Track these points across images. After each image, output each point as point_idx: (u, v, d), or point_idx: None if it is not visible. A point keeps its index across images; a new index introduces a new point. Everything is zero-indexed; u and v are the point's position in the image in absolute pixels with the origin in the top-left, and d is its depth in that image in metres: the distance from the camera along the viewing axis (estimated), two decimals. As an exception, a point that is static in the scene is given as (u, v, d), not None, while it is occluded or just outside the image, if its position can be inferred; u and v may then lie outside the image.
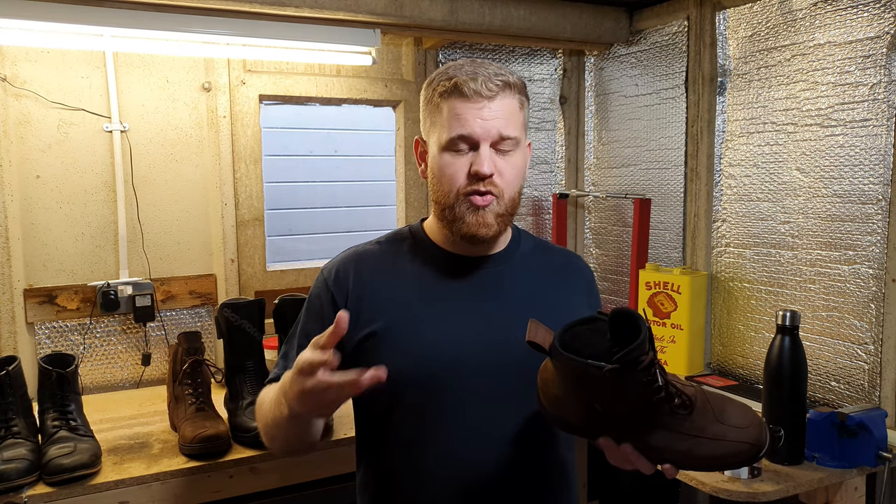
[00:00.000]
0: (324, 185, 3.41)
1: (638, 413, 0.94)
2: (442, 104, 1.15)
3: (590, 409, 0.96)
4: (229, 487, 1.65)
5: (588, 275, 1.37)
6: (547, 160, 2.88)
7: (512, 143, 1.15)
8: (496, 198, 1.15)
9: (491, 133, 1.13)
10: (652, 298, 2.38)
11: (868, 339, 1.91)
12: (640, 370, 0.90)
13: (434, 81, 1.18)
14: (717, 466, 1.00)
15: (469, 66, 1.15)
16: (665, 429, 0.95)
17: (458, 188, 1.15)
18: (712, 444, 0.96)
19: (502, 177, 1.15)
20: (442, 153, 1.16)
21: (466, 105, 1.13)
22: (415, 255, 1.25)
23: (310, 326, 1.24)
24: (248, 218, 2.40)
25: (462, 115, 1.13)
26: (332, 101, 2.52)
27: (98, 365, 2.21)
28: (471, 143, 1.14)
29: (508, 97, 1.14)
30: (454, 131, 1.13)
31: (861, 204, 1.91)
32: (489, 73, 1.13)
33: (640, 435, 0.96)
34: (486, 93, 1.12)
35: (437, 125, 1.17)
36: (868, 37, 1.87)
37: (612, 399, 0.93)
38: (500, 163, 1.15)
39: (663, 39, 2.48)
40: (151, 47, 2.07)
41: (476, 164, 1.13)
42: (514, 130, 1.15)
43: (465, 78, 1.13)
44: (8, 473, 1.47)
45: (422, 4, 2.15)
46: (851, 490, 1.63)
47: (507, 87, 1.14)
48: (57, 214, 2.13)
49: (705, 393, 0.99)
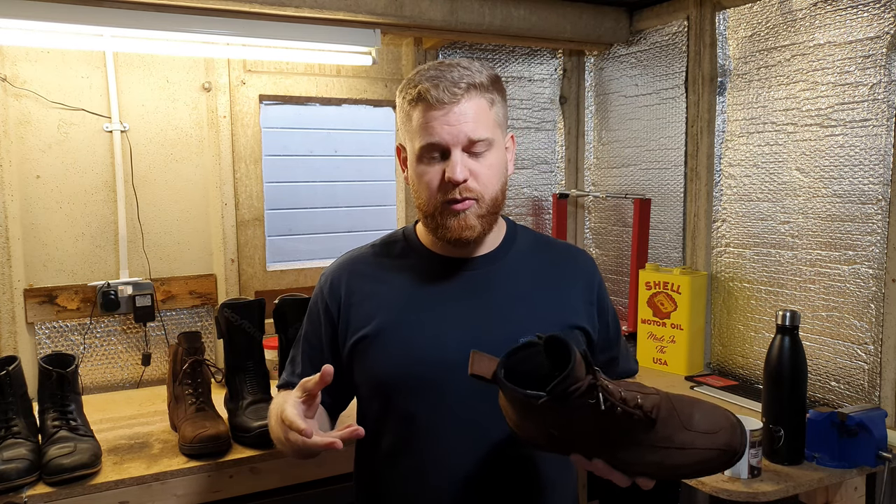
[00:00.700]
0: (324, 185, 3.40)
1: (597, 433, 0.92)
2: (411, 112, 1.15)
3: (548, 433, 0.94)
4: (229, 487, 1.65)
5: (590, 269, 1.33)
6: (547, 160, 2.88)
7: (484, 145, 1.14)
8: (475, 201, 1.15)
9: (459, 138, 1.12)
10: (652, 298, 2.38)
11: (868, 339, 1.91)
12: (576, 397, 0.87)
13: (403, 89, 1.18)
14: (691, 475, 0.97)
15: (434, 69, 1.14)
16: (632, 443, 0.92)
17: (436, 197, 1.15)
18: (682, 454, 0.93)
19: (478, 179, 1.14)
20: (417, 162, 1.16)
21: (432, 113, 1.12)
22: (406, 258, 1.26)
23: (311, 332, 1.29)
24: (248, 218, 2.40)
25: (429, 124, 1.12)
26: (332, 102, 2.52)
27: (98, 365, 2.21)
28: (441, 150, 1.13)
29: (475, 98, 1.13)
30: (423, 140, 1.13)
31: (861, 204, 1.91)
32: (453, 77, 1.12)
33: (608, 450, 0.94)
34: (448, 98, 1.11)
35: (409, 133, 1.17)
36: (868, 37, 1.87)
37: (563, 423, 0.91)
38: (474, 165, 1.14)
39: (663, 39, 2.48)
40: (151, 47, 2.07)
41: (449, 172, 1.12)
42: (485, 131, 1.14)
43: (428, 85, 1.12)
44: (8, 473, 1.47)
45: (422, 4, 2.15)
46: (851, 490, 1.63)
47: (473, 88, 1.13)
48: (57, 214, 2.13)
49: (671, 400, 0.95)
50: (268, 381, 1.85)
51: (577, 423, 0.91)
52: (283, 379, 1.32)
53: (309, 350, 1.27)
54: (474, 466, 1.16)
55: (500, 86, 1.19)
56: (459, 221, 1.15)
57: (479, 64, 1.17)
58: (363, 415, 1.26)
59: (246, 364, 1.87)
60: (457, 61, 1.16)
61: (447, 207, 1.15)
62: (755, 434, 1.52)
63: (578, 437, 0.93)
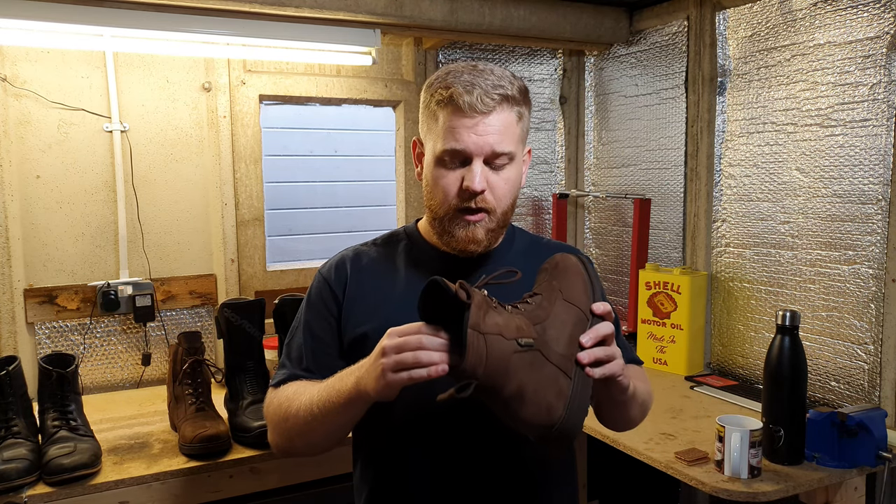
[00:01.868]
0: (324, 185, 3.40)
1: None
2: (438, 112, 1.14)
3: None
4: (229, 487, 1.65)
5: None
6: (547, 160, 2.88)
7: (506, 158, 1.14)
8: (488, 213, 1.15)
9: (484, 150, 1.12)
10: (652, 298, 2.39)
11: (868, 339, 1.91)
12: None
13: (432, 86, 1.16)
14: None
15: (468, 73, 1.12)
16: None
17: (450, 203, 1.15)
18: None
19: (494, 192, 1.14)
20: (435, 164, 1.16)
21: (461, 119, 1.11)
22: (409, 256, 1.25)
23: (315, 324, 1.24)
24: (248, 218, 2.40)
25: (456, 129, 1.11)
26: (332, 101, 2.53)
27: (98, 365, 2.21)
28: (463, 158, 1.13)
29: (506, 111, 1.13)
30: (447, 144, 1.12)
31: (861, 204, 1.91)
32: (487, 86, 1.11)
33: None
34: (481, 108, 1.10)
35: (432, 132, 1.16)
36: (868, 37, 1.87)
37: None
38: (492, 178, 1.14)
39: (663, 39, 2.48)
40: (151, 47, 2.08)
41: (467, 180, 1.12)
42: (510, 145, 1.13)
43: (461, 90, 1.10)
44: (8, 473, 1.47)
45: (422, 4, 2.15)
46: (851, 490, 1.63)
47: (505, 101, 1.12)
48: (57, 214, 2.13)
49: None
50: (268, 381, 1.85)
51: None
52: (284, 374, 1.24)
53: (312, 341, 1.24)
54: (477, 465, 1.16)
55: (528, 98, 1.19)
56: (468, 233, 1.15)
57: (510, 73, 1.16)
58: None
59: (246, 364, 1.87)
60: (490, 67, 1.15)
61: (459, 216, 1.14)
62: (755, 434, 1.52)
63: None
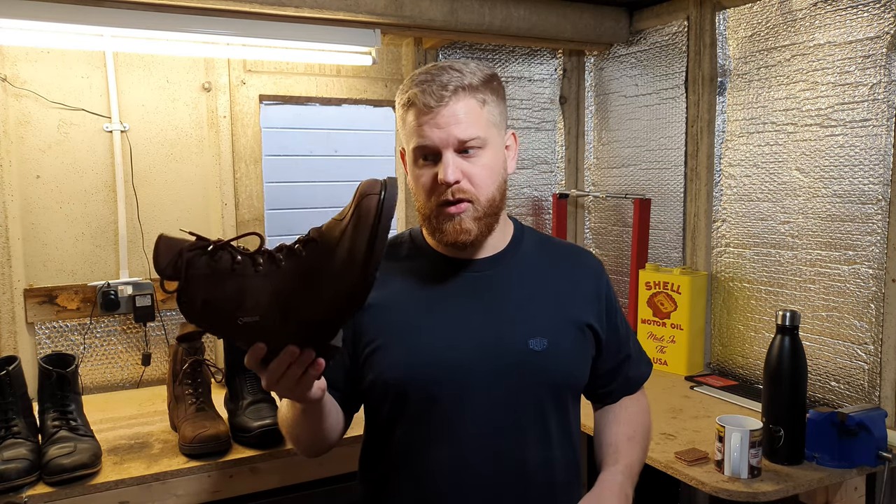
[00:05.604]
0: (324, 185, 3.39)
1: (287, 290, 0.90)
2: (405, 116, 1.17)
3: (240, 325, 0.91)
4: (229, 487, 1.65)
5: (597, 269, 1.32)
6: (547, 160, 2.88)
7: (476, 143, 1.14)
8: (471, 203, 1.14)
9: (449, 140, 1.12)
10: (652, 298, 2.39)
11: (868, 339, 1.91)
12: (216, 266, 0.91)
13: (398, 93, 1.19)
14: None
15: (425, 73, 1.15)
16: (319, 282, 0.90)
17: (431, 199, 1.15)
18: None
19: (472, 180, 1.14)
20: (413, 166, 1.18)
21: (422, 116, 1.13)
22: (413, 260, 1.25)
23: None
24: (248, 218, 2.40)
25: (420, 127, 1.13)
26: (332, 101, 2.53)
27: (98, 365, 2.21)
28: (433, 153, 1.14)
29: (464, 99, 1.13)
30: (415, 142, 1.15)
31: (861, 204, 1.91)
32: (442, 80, 1.12)
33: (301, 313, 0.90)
34: (434, 102, 1.12)
35: (405, 137, 1.19)
36: (868, 37, 1.87)
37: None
38: (467, 167, 1.14)
39: (663, 39, 2.48)
40: (151, 47, 2.07)
41: (440, 173, 1.13)
42: (475, 131, 1.13)
43: (418, 91, 1.13)
44: (8, 473, 1.47)
45: (422, 4, 2.15)
46: (851, 490, 1.63)
47: (461, 90, 1.13)
48: (57, 214, 2.13)
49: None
50: (268, 381, 1.85)
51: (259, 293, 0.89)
52: None
53: None
54: (484, 470, 1.16)
55: (495, 85, 1.18)
56: (454, 225, 1.15)
57: (474, 65, 1.17)
58: (372, 416, 1.25)
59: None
60: (450, 63, 1.16)
61: (442, 210, 1.15)
62: (755, 434, 1.52)
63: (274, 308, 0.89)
